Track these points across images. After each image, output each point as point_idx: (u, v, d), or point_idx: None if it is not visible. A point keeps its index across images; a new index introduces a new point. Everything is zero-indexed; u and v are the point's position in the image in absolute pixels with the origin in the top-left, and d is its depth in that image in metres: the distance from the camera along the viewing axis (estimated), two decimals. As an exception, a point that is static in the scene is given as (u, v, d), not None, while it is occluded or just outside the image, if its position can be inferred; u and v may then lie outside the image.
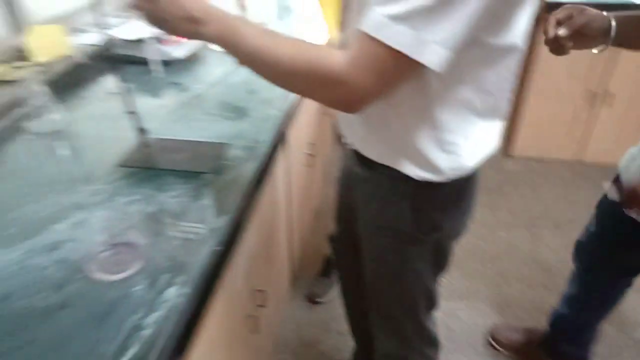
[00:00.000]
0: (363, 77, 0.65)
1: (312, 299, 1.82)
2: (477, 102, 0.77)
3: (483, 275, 1.94)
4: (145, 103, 1.26)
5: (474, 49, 0.69)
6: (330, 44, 1.24)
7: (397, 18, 0.61)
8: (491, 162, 2.79)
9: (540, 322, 1.60)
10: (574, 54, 1.01)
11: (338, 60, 0.66)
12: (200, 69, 1.48)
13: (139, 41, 1.43)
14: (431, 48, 0.61)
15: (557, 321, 1.50)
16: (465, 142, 0.80)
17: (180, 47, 1.46)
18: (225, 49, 0.74)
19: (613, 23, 0.96)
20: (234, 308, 1.00)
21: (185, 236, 0.79)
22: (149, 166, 0.95)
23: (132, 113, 0.93)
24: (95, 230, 0.80)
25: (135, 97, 1.22)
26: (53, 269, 0.73)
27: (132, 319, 0.65)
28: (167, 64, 1.43)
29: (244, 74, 1.41)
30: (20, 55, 1.31)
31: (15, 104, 1.17)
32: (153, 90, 1.34)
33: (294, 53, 0.69)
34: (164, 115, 1.18)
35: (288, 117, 1.22)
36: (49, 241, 0.78)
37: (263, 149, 1.04)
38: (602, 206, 1.26)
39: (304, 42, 0.72)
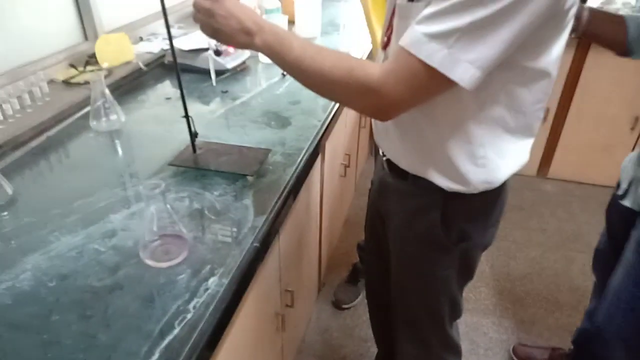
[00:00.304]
0: (396, 88, 0.71)
1: (339, 305, 1.87)
2: (509, 120, 0.81)
3: (511, 292, 1.94)
4: (196, 109, 1.35)
5: (509, 70, 0.74)
6: (375, 58, 1.29)
7: (434, 36, 0.66)
8: (527, 183, 2.79)
9: (566, 343, 1.60)
10: (618, 79, 1.06)
11: (375, 71, 0.72)
12: (247, 79, 1.57)
13: (196, 51, 1.54)
14: (463, 67, 0.66)
15: (580, 337, 1.49)
16: (496, 156, 0.84)
17: (232, 58, 1.55)
18: (273, 58, 0.82)
19: (586, 13, 1.07)
20: (264, 304, 1.07)
21: (227, 232, 0.87)
22: (197, 166, 1.04)
23: (185, 117, 1.01)
24: (147, 221, 0.88)
25: (188, 103, 1.33)
26: (109, 254, 0.81)
27: (176, 302, 0.72)
28: (219, 73, 1.53)
29: (288, 85, 1.49)
30: (89, 60, 1.44)
31: (81, 104, 1.29)
32: (204, 97, 1.43)
33: (334, 63, 0.76)
34: (213, 120, 1.27)
35: (327, 128, 1.28)
36: (106, 229, 0.87)
37: (302, 156, 1.11)
38: (611, 212, 1.29)
39: (343, 53, 0.79)
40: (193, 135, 1.06)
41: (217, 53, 1.35)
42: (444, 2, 0.65)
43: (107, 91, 1.18)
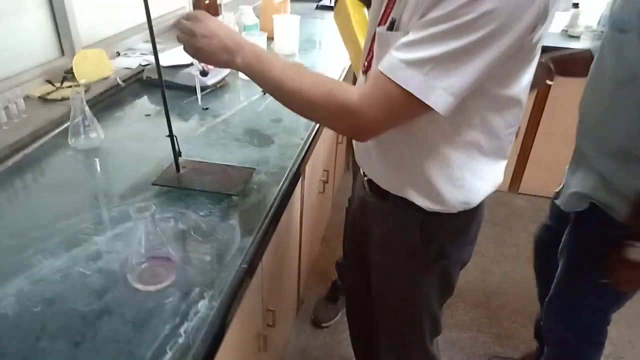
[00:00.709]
0: (374, 111, 0.74)
1: (318, 323, 1.87)
2: (484, 144, 0.85)
3: (486, 307, 1.98)
4: (177, 126, 1.33)
5: (482, 97, 0.78)
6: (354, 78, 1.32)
7: (410, 63, 0.69)
8: (500, 198, 2.85)
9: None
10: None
11: (353, 93, 0.75)
12: (228, 96, 1.57)
13: (176, 67, 1.53)
14: (437, 93, 0.69)
15: (538, 329, 1.57)
16: (473, 178, 0.88)
17: (212, 75, 1.55)
18: (253, 77, 0.84)
19: (551, 64, 1.20)
20: (248, 325, 1.06)
21: (214, 253, 0.86)
22: (181, 186, 1.03)
23: (170, 136, 1.01)
24: (135, 243, 0.87)
25: (164, 120, 1.31)
26: (95, 277, 0.80)
27: (167, 327, 0.71)
28: (200, 90, 1.52)
29: (269, 103, 1.50)
30: (66, 75, 1.41)
31: (58, 121, 1.26)
32: (185, 114, 1.42)
33: (314, 84, 0.78)
34: (194, 138, 1.27)
35: (309, 147, 1.29)
36: (90, 252, 0.85)
37: (286, 175, 1.11)
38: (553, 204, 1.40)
39: (323, 75, 0.81)
40: (177, 154, 1.05)
41: (204, 74, 1.35)
42: (422, 32, 0.69)
43: (86, 108, 1.16)
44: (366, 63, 0.91)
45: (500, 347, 1.81)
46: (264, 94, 1.56)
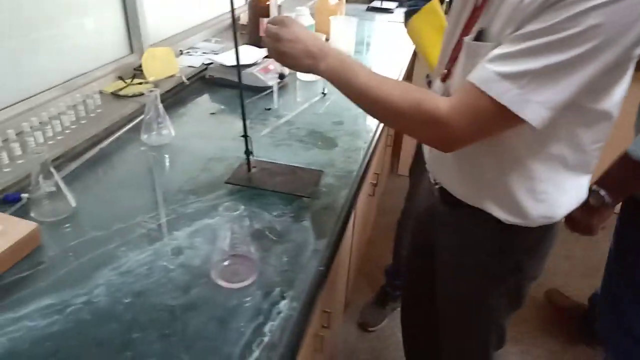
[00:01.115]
0: (464, 123, 0.73)
1: (365, 327, 1.86)
2: (569, 158, 0.82)
3: (539, 320, 1.94)
4: (241, 125, 1.36)
5: (572, 110, 0.75)
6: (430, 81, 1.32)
7: (506, 76, 0.68)
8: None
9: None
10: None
11: (443, 104, 0.74)
12: (287, 96, 1.59)
13: (236, 67, 1.55)
14: (533, 107, 0.68)
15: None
16: (556, 192, 0.85)
17: (272, 75, 1.57)
18: (336, 84, 0.84)
19: (602, 193, 1.09)
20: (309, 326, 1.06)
21: (291, 254, 0.87)
22: (254, 185, 1.04)
23: (244, 136, 1.02)
24: (210, 239, 0.89)
25: (231, 120, 1.34)
26: (178, 272, 0.81)
27: (251, 325, 0.72)
28: (261, 90, 1.54)
29: (329, 105, 1.51)
30: (136, 72, 1.45)
31: (130, 116, 1.30)
32: (248, 114, 1.43)
33: (401, 93, 0.77)
34: (260, 138, 1.28)
35: (374, 150, 1.29)
36: (172, 246, 0.87)
37: (354, 179, 1.11)
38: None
39: (410, 84, 0.80)
40: (249, 154, 1.06)
41: (282, 77, 1.37)
42: (519, 44, 0.67)
43: (160, 105, 1.19)
44: (445, 71, 0.90)
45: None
46: (324, 95, 1.57)
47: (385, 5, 2.85)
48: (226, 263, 0.81)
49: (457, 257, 1.00)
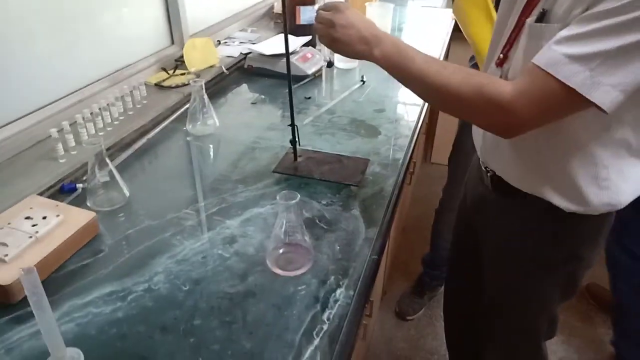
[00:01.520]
0: (530, 107, 0.70)
1: (403, 316, 1.86)
2: (633, 142, 0.79)
3: (578, 310, 1.90)
4: (283, 115, 1.36)
5: (637, 92, 0.72)
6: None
7: (576, 58, 0.65)
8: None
9: None
10: None
11: (507, 89, 0.72)
12: (326, 85, 1.58)
13: (277, 56, 1.55)
14: (604, 89, 0.65)
15: None
16: (619, 179, 0.82)
17: (311, 64, 1.56)
18: (392, 70, 0.82)
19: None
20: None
21: (342, 242, 0.87)
22: (301, 174, 1.04)
23: (291, 125, 1.02)
24: (262, 228, 0.89)
25: (273, 109, 1.34)
26: (234, 260, 0.82)
27: (310, 313, 0.72)
28: (300, 79, 1.54)
29: (369, 93, 1.49)
30: (178, 63, 1.47)
31: (174, 107, 1.32)
32: (287, 103, 1.44)
33: (462, 78, 0.75)
34: (302, 127, 1.28)
35: (417, 138, 1.28)
36: (225, 235, 0.88)
37: (401, 167, 1.10)
38: None
39: (470, 69, 0.78)
40: (296, 143, 1.06)
41: (330, 64, 1.36)
42: (590, 24, 0.64)
43: (205, 95, 1.20)
44: (502, 56, 0.87)
45: (594, 353, 1.73)
46: (363, 83, 1.56)
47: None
48: (281, 251, 0.82)
49: (510, 246, 0.98)
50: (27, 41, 1.06)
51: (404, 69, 0.81)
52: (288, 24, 1.87)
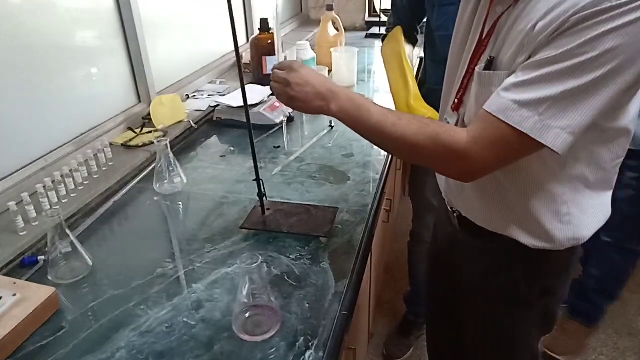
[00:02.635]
0: (485, 153, 0.72)
1: (391, 359, 1.82)
2: (589, 176, 0.81)
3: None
4: (250, 167, 1.36)
5: (592, 131, 0.73)
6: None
7: (524, 104, 0.67)
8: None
9: None
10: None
11: (462, 136, 0.73)
12: (295, 132, 1.59)
13: (242, 107, 1.56)
14: (554, 132, 0.66)
15: None
16: (580, 213, 0.83)
17: (279, 113, 1.57)
18: (349, 123, 0.83)
19: None
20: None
21: (311, 299, 0.85)
22: (269, 229, 1.03)
23: (256, 180, 1.02)
24: (230, 290, 0.87)
25: (242, 160, 1.33)
26: (200, 327, 0.80)
27: (279, 380, 0.70)
28: (269, 128, 1.55)
29: (337, 137, 1.50)
30: (145, 121, 1.47)
31: (141, 167, 1.31)
32: (258, 153, 1.43)
33: (417, 128, 0.76)
34: (272, 177, 1.28)
35: (385, 180, 1.28)
36: (192, 300, 0.86)
37: (369, 213, 1.10)
38: None
39: (425, 118, 0.80)
40: (262, 197, 1.06)
41: (290, 119, 1.38)
42: (535, 72, 0.66)
43: (170, 154, 1.19)
44: (456, 100, 0.89)
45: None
46: (331, 128, 1.57)
47: (384, 31, 2.87)
48: (247, 315, 0.80)
49: (483, 284, 0.98)
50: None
51: (361, 122, 0.81)
52: (256, 74, 1.90)
